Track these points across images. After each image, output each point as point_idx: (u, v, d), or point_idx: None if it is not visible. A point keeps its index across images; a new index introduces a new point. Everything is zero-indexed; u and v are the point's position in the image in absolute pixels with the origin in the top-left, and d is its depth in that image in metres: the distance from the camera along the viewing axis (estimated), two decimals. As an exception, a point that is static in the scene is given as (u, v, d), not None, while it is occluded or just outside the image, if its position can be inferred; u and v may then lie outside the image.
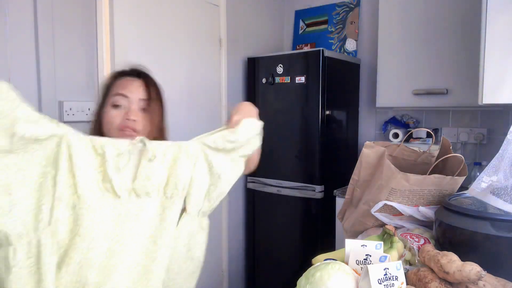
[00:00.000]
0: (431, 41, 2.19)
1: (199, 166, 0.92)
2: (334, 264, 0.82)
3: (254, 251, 2.76)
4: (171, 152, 0.89)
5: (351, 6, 2.85)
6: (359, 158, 1.27)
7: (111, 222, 0.84)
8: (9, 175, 0.76)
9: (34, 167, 0.79)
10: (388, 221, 1.20)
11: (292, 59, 2.50)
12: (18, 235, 0.77)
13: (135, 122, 1.02)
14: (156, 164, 0.87)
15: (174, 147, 0.90)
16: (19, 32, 1.60)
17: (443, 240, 1.01)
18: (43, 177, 0.80)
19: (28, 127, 0.77)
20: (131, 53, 2.03)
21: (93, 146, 0.85)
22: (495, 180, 1.01)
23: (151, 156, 0.86)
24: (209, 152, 0.93)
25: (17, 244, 0.77)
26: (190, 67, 2.36)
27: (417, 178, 1.11)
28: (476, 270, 0.79)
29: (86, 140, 0.85)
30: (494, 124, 2.30)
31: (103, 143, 0.85)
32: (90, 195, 0.83)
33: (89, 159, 0.84)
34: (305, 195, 2.47)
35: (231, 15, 2.63)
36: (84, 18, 1.82)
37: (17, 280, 0.76)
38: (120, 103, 1.03)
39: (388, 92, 2.36)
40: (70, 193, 0.82)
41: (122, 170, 0.85)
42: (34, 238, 0.78)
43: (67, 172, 0.82)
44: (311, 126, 2.43)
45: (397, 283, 0.78)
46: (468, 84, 2.03)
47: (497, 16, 1.48)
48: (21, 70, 1.61)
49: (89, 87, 1.85)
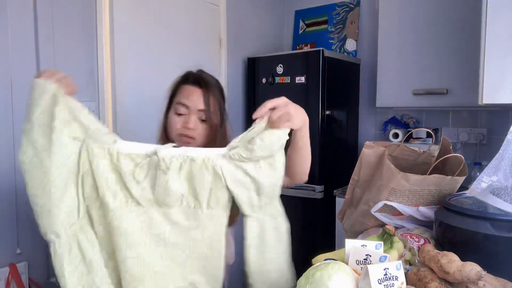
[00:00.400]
0: (431, 41, 2.19)
1: (217, 177, 0.92)
2: (334, 264, 0.82)
3: (254, 251, 2.76)
4: (186, 164, 0.90)
5: (351, 6, 2.85)
6: (359, 158, 1.27)
7: (137, 229, 0.88)
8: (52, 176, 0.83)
9: (66, 168, 0.85)
10: (388, 221, 1.20)
11: (292, 59, 2.50)
12: (57, 233, 0.85)
13: (192, 130, 1.12)
14: (172, 176, 0.88)
15: (189, 160, 0.91)
16: (19, 32, 1.60)
17: (443, 240, 1.01)
18: (74, 178, 0.86)
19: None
20: (131, 53, 2.03)
21: (110, 156, 0.88)
22: (495, 180, 1.01)
23: (165, 168, 0.88)
24: (225, 163, 0.92)
25: (60, 242, 0.85)
26: (190, 67, 2.35)
27: (417, 178, 1.11)
28: (476, 270, 0.79)
29: (105, 149, 0.88)
30: (494, 124, 2.30)
31: (119, 155, 0.88)
32: (111, 200, 0.87)
33: (107, 168, 0.88)
34: (305, 195, 2.47)
35: (231, 15, 2.63)
36: (84, 18, 1.82)
37: (70, 276, 0.84)
38: (181, 112, 1.13)
39: (388, 92, 2.36)
40: (95, 196, 0.87)
41: (141, 182, 0.88)
42: (72, 236, 0.86)
43: (89, 175, 0.87)
44: (311, 126, 2.39)
45: (397, 283, 0.78)
46: (468, 84, 2.03)
47: (497, 16, 1.48)
48: (21, 70, 1.61)
49: (89, 87, 1.85)
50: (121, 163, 0.87)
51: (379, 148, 1.23)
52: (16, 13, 1.58)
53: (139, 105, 2.06)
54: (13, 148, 1.58)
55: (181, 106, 1.13)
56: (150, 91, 2.11)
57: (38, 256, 1.69)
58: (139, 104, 2.06)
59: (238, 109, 2.76)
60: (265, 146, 0.90)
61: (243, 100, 2.78)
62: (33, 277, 1.66)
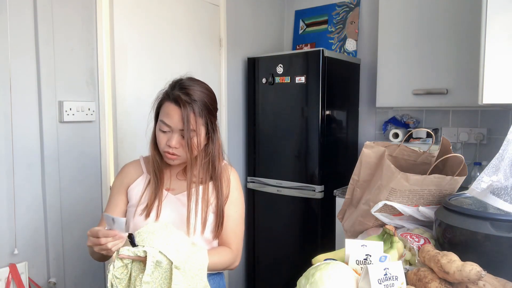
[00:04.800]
0: (431, 41, 2.19)
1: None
2: (334, 264, 0.82)
3: (254, 251, 2.76)
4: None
5: (351, 6, 2.85)
6: (359, 158, 1.27)
7: None
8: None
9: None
10: (388, 221, 1.20)
11: (292, 59, 2.50)
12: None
13: (175, 149, 1.15)
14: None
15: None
16: (19, 32, 1.60)
17: (443, 240, 1.01)
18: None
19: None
20: (131, 53, 2.03)
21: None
22: (495, 180, 1.01)
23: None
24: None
25: None
26: (190, 67, 2.36)
27: (417, 178, 1.11)
28: (476, 270, 0.79)
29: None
30: (494, 124, 2.30)
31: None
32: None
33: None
34: (305, 195, 2.47)
35: (231, 15, 2.63)
36: (84, 18, 1.82)
37: None
38: (164, 129, 1.15)
39: (388, 92, 2.36)
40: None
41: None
42: None
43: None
44: (311, 126, 2.43)
45: (397, 283, 0.78)
46: (468, 84, 2.03)
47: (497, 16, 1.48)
48: (21, 70, 1.61)
49: (89, 87, 1.85)
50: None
51: (379, 148, 1.23)
52: (16, 13, 1.58)
53: (139, 105, 2.06)
54: (11, 148, 1.58)
55: (163, 124, 1.15)
56: (150, 91, 2.11)
57: (38, 256, 1.69)
58: (139, 104, 2.06)
59: (238, 109, 2.76)
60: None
61: (243, 100, 2.78)
62: (33, 277, 1.66)
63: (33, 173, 1.66)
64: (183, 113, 1.12)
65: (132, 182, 1.25)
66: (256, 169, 2.71)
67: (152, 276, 0.97)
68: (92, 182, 1.88)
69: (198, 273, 1.03)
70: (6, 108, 1.57)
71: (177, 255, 1.00)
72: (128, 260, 0.99)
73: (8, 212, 1.58)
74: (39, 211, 1.68)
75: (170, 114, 1.14)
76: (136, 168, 1.28)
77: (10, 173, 1.59)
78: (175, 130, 1.14)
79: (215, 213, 1.21)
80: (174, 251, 1.00)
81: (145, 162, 1.29)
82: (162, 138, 1.16)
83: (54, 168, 1.72)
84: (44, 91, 1.67)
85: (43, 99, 1.67)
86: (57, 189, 1.74)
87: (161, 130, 1.16)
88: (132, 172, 1.28)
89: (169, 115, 1.14)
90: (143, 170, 1.27)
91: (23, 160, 1.63)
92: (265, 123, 2.64)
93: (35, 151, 1.67)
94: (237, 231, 1.26)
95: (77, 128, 1.81)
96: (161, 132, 1.16)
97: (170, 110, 1.14)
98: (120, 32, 1.97)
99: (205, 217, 1.18)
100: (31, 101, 1.65)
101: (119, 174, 1.29)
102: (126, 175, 1.27)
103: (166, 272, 0.99)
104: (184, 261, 1.01)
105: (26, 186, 1.64)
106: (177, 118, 1.13)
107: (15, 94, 1.59)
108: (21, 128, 1.62)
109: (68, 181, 1.78)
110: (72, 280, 1.81)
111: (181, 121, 1.13)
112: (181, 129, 1.14)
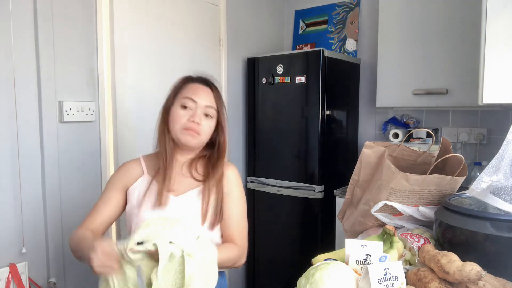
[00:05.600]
0: (431, 41, 2.19)
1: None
2: (334, 264, 0.82)
3: (254, 251, 2.76)
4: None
5: (351, 6, 2.85)
6: (359, 158, 1.27)
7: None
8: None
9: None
10: (388, 221, 1.20)
11: (292, 59, 2.50)
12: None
13: (198, 125, 1.16)
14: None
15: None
16: (19, 32, 1.60)
17: (443, 240, 1.01)
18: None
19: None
20: (131, 53, 2.03)
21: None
22: (495, 180, 1.01)
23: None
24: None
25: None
26: (190, 67, 2.34)
27: (417, 178, 1.11)
28: (476, 270, 0.79)
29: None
30: (494, 124, 2.30)
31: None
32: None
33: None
34: (305, 195, 2.47)
35: (231, 15, 2.63)
36: (84, 17, 1.82)
37: None
38: (188, 105, 1.17)
39: (388, 92, 2.36)
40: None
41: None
42: None
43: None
44: (311, 126, 2.43)
45: (397, 283, 0.78)
46: (468, 84, 2.03)
47: (497, 16, 1.47)
48: (21, 70, 1.61)
49: (89, 87, 1.85)
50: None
51: (379, 148, 1.23)
52: (17, 13, 1.58)
53: (139, 105, 2.06)
54: (17, 147, 1.58)
55: (188, 100, 1.17)
56: (150, 91, 2.11)
57: (38, 256, 1.69)
58: (139, 104, 2.06)
59: (238, 109, 2.76)
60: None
61: (243, 100, 2.78)
62: (33, 277, 1.66)
63: (33, 173, 1.66)
64: (212, 90, 1.21)
65: (132, 183, 1.22)
66: (256, 169, 2.70)
67: (165, 270, 0.92)
68: (92, 182, 1.88)
69: (210, 265, 0.98)
70: (11, 108, 1.57)
71: (188, 244, 0.96)
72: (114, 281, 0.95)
73: (10, 212, 1.59)
74: (39, 211, 1.68)
75: (197, 91, 1.19)
76: (136, 168, 1.25)
77: (16, 172, 1.59)
78: (200, 106, 1.17)
79: (214, 209, 1.20)
80: (184, 241, 0.96)
81: (145, 161, 1.26)
82: (183, 115, 1.17)
83: (54, 168, 1.72)
84: (44, 91, 1.67)
85: (43, 99, 1.67)
86: (57, 189, 1.74)
87: (184, 106, 1.17)
88: (132, 171, 1.24)
89: (196, 91, 1.18)
90: (143, 171, 1.24)
91: (23, 160, 1.63)
92: (265, 123, 2.64)
93: (35, 151, 1.67)
94: (241, 228, 1.24)
95: (77, 128, 1.81)
96: (182, 110, 1.17)
97: (197, 88, 1.20)
98: (120, 32, 1.97)
99: (205, 213, 1.18)
100: (31, 101, 1.65)
101: (118, 171, 1.26)
102: (125, 174, 1.24)
103: (180, 265, 0.94)
104: (196, 250, 0.96)
105: (26, 186, 1.64)
106: (204, 94, 1.19)
107: (19, 93, 1.59)
108: (21, 128, 1.62)
109: (68, 181, 1.78)
110: (72, 280, 1.81)
111: (208, 98, 1.19)
112: (207, 106, 1.18)
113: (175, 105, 1.19)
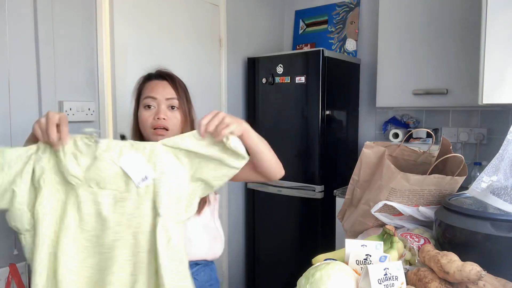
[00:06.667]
0: (431, 41, 2.19)
1: (160, 167, 0.92)
2: (334, 264, 0.82)
3: (254, 251, 2.76)
4: (126, 150, 0.92)
5: (351, 6, 2.85)
6: (359, 158, 1.27)
7: (60, 209, 0.90)
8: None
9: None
10: (388, 221, 1.20)
11: (292, 59, 2.50)
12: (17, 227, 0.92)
13: (164, 120, 1.14)
14: (108, 159, 0.90)
15: (129, 147, 0.93)
16: (19, 32, 1.60)
17: (443, 240, 1.01)
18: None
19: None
20: (131, 53, 2.03)
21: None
22: (495, 180, 1.01)
23: (105, 147, 0.90)
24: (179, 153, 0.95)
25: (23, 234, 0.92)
26: (190, 67, 2.36)
27: (417, 178, 1.11)
28: (476, 270, 0.79)
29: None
30: (494, 124, 2.30)
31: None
32: (47, 180, 0.89)
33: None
34: (305, 195, 2.47)
35: (231, 15, 2.63)
36: (84, 18, 1.82)
37: (39, 261, 0.89)
38: (151, 104, 1.16)
39: (388, 92, 2.36)
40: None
41: (78, 159, 0.90)
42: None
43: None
44: (311, 126, 2.43)
45: (397, 283, 0.78)
46: (468, 84, 2.03)
47: (497, 16, 1.47)
48: (21, 70, 1.61)
49: (89, 87, 1.85)
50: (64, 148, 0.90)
51: (379, 148, 1.23)
52: (16, 13, 1.58)
53: (139, 105, 2.06)
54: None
55: (149, 99, 1.16)
56: (150, 91, 2.11)
57: (38, 256, 1.69)
58: (139, 104, 2.06)
59: (238, 109, 2.76)
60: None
61: (243, 100, 2.78)
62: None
63: (33, 173, 1.66)
64: (169, 82, 1.17)
65: None
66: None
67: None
68: (92, 182, 1.88)
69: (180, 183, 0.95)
70: (5, 108, 1.56)
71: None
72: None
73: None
74: (39, 211, 1.68)
75: (155, 87, 1.17)
76: None
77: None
78: (161, 101, 1.15)
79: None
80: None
81: None
82: (148, 115, 1.15)
83: (54, 168, 1.72)
84: (44, 91, 1.67)
85: (43, 99, 1.67)
86: (57, 189, 1.73)
87: (146, 106, 1.16)
88: None
89: (153, 88, 1.17)
90: None
91: (23, 160, 1.62)
92: (265, 123, 2.64)
93: (35, 151, 1.67)
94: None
95: (77, 128, 1.80)
96: (146, 110, 1.16)
97: (154, 84, 1.18)
98: (120, 32, 1.97)
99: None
100: (31, 101, 1.65)
101: None
102: None
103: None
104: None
105: (26, 186, 1.64)
106: (163, 88, 1.17)
107: (15, 94, 1.59)
108: (21, 128, 1.62)
109: (68, 181, 1.78)
110: (72, 280, 1.80)
111: (168, 90, 1.16)
112: (168, 98, 1.15)
113: (140, 108, 1.19)
